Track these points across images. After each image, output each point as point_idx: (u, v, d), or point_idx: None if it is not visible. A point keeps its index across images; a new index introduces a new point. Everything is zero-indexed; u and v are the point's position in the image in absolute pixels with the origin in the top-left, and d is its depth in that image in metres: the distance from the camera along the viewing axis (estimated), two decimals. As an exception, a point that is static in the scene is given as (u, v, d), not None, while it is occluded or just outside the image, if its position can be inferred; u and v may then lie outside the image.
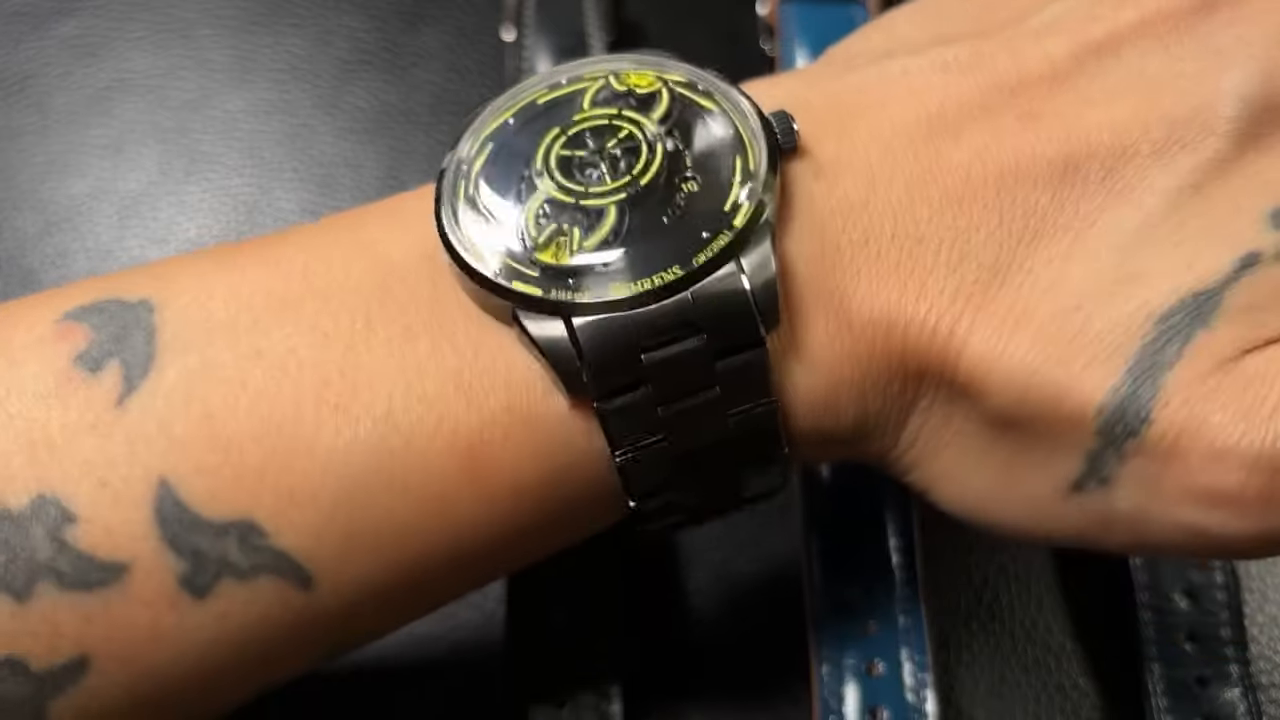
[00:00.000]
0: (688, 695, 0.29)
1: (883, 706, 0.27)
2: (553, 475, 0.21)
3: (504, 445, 0.20)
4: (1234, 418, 0.19)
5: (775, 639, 0.30)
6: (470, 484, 0.20)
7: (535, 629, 0.28)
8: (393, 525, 0.20)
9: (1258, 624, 0.30)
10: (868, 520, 0.29)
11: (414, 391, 0.20)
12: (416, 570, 0.21)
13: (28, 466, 0.19)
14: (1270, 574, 0.31)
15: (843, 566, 0.29)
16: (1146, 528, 0.20)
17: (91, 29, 0.39)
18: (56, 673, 0.19)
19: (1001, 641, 0.30)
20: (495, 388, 0.20)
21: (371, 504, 0.20)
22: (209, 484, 0.19)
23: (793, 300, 0.21)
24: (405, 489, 0.20)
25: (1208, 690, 0.28)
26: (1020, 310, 0.20)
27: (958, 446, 0.22)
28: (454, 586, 0.23)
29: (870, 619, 0.28)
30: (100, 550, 0.19)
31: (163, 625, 0.19)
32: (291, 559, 0.19)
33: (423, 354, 0.20)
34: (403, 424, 0.20)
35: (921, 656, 0.27)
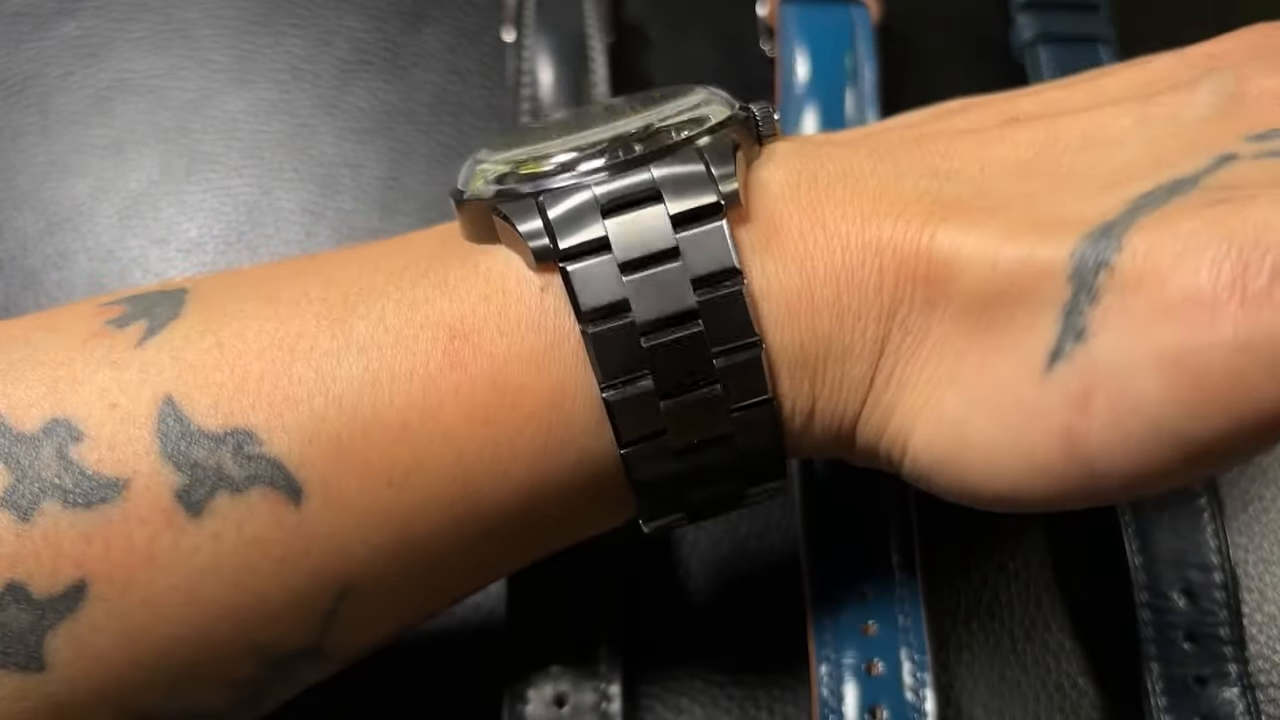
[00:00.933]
0: (688, 694, 0.29)
1: (882, 706, 0.27)
2: (529, 355, 0.21)
3: (481, 330, 0.21)
4: (1204, 223, 0.19)
5: (775, 638, 0.30)
6: (451, 368, 0.21)
7: (535, 629, 0.28)
8: (381, 427, 0.21)
9: (1256, 623, 0.30)
10: (867, 520, 0.29)
11: (405, 300, 0.21)
12: (407, 490, 0.21)
13: (47, 397, 0.20)
14: (1269, 573, 0.31)
15: (842, 566, 0.29)
16: (1127, 385, 0.19)
17: (93, 30, 0.39)
18: (56, 600, 0.20)
19: (1001, 641, 0.30)
20: (474, 283, 0.22)
21: (360, 404, 0.21)
22: (210, 398, 0.20)
23: (766, 206, 0.22)
24: (392, 378, 0.21)
25: (1206, 689, 0.28)
26: (996, 207, 0.21)
27: (934, 362, 0.22)
28: (449, 531, 0.22)
29: (870, 618, 0.28)
30: (103, 466, 0.20)
31: (158, 545, 0.20)
32: (284, 468, 0.20)
33: (416, 276, 0.22)
34: (392, 324, 0.21)
35: (921, 656, 0.27)
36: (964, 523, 0.32)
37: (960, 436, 0.21)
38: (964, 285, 0.21)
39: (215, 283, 0.23)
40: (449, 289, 0.22)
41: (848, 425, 0.23)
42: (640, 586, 0.30)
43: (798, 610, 0.30)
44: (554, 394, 0.21)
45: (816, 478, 0.30)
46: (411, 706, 0.29)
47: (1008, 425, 0.21)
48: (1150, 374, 0.19)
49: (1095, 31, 0.36)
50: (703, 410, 0.21)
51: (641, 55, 0.38)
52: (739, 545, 0.31)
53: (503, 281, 0.22)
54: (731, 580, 0.31)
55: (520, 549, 0.24)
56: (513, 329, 0.21)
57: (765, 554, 0.31)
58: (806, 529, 0.29)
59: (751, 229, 0.22)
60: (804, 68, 0.35)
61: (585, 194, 0.21)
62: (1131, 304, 0.19)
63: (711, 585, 0.31)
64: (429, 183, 0.36)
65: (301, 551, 0.21)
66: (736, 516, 0.31)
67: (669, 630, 0.30)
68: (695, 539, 0.31)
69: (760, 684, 0.29)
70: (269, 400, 0.20)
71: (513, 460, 0.21)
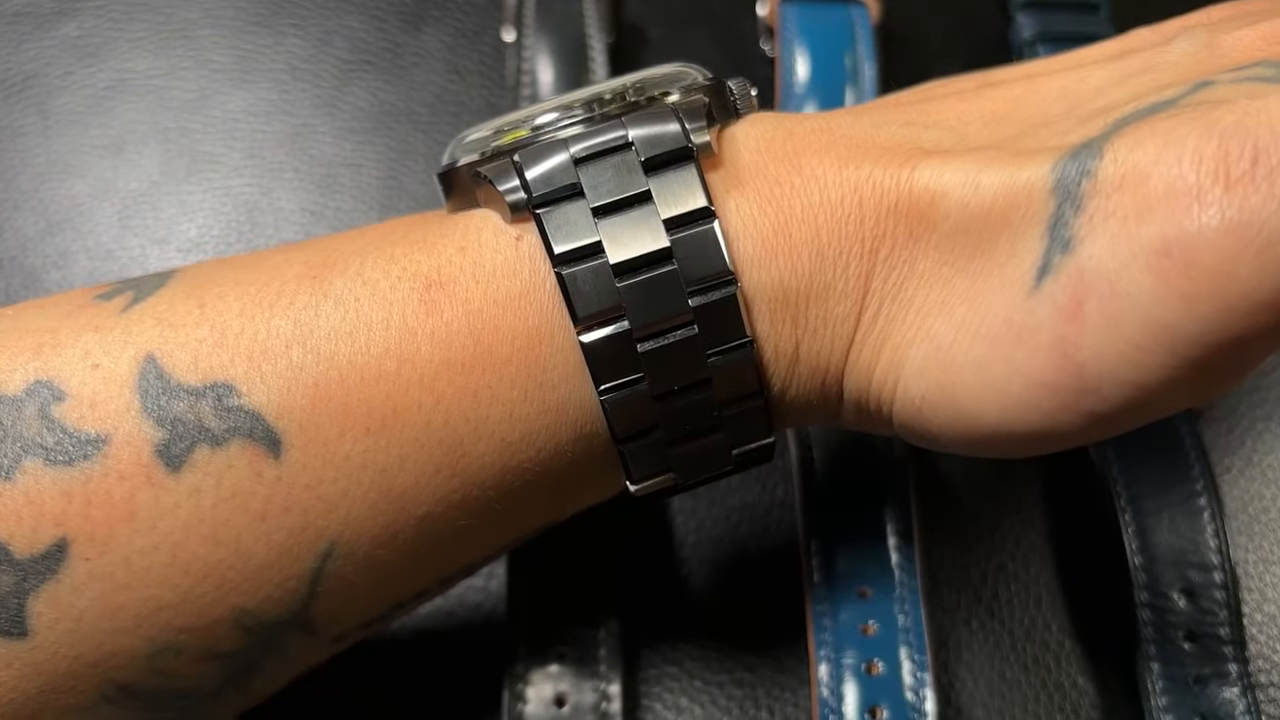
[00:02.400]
0: (687, 694, 0.29)
1: (882, 705, 0.27)
2: (504, 301, 0.21)
3: (457, 279, 0.21)
4: (1184, 120, 0.19)
5: (775, 638, 0.30)
6: (427, 315, 0.21)
7: (535, 629, 0.28)
8: (358, 374, 0.21)
9: (1256, 623, 0.30)
10: (867, 520, 0.29)
11: (382, 254, 0.22)
12: (385, 438, 0.21)
13: (30, 361, 0.21)
14: (1269, 573, 0.31)
15: (842, 566, 0.29)
16: (1117, 285, 0.19)
17: (93, 30, 0.39)
18: (38, 560, 0.20)
19: (1001, 640, 0.30)
20: (451, 238, 0.22)
21: (337, 353, 0.21)
22: (190, 354, 0.21)
23: (740, 155, 0.22)
24: (369, 327, 0.21)
25: (1206, 689, 0.28)
26: (975, 147, 0.22)
27: (922, 295, 0.22)
28: (431, 484, 0.22)
29: (870, 618, 0.28)
30: (84, 424, 0.20)
31: (139, 501, 0.20)
32: (262, 419, 0.20)
33: (396, 237, 0.22)
34: (369, 276, 0.21)
35: (921, 656, 0.28)
36: (964, 523, 0.32)
37: (950, 362, 0.21)
38: (946, 213, 0.21)
39: (204, 263, 0.23)
40: (427, 245, 0.22)
41: (834, 369, 0.23)
42: (640, 586, 0.31)
43: (798, 610, 0.30)
44: (530, 339, 0.21)
45: (816, 477, 0.30)
46: (412, 706, 0.29)
47: (998, 344, 0.20)
48: (1139, 269, 0.19)
49: (1095, 31, 0.36)
50: (680, 353, 0.21)
51: (641, 55, 0.38)
52: (739, 545, 0.31)
53: (479, 234, 0.22)
54: (732, 580, 0.31)
55: (507, 516, 0.23)
56: (488, 276, 0.21)
57: (765, 554, 0.31)
58: (806, 529, 0.29)
59: (724, 173, 0.22)
60: (804, 67, 0.35)
61: (562, 152, 0.21)
62: (1116, 205, 0.19)
63: (712, 585, 0.31)
64: (429, 182, 0.36)
65: (282, 505, 0.21)
66: (736, 517, 0.31)
67: (669, 630, 0.30)
68: (696, 540, 0.31)
69: (760, 684, 0.29)
70: (247, 353, 0.21)
71: (491, 406, 0.21)
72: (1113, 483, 0.30)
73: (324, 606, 0.22)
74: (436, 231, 0.22)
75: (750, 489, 0.32)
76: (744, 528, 0.31)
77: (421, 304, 0.21)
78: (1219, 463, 0.33)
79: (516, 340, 0.21)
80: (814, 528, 0.29)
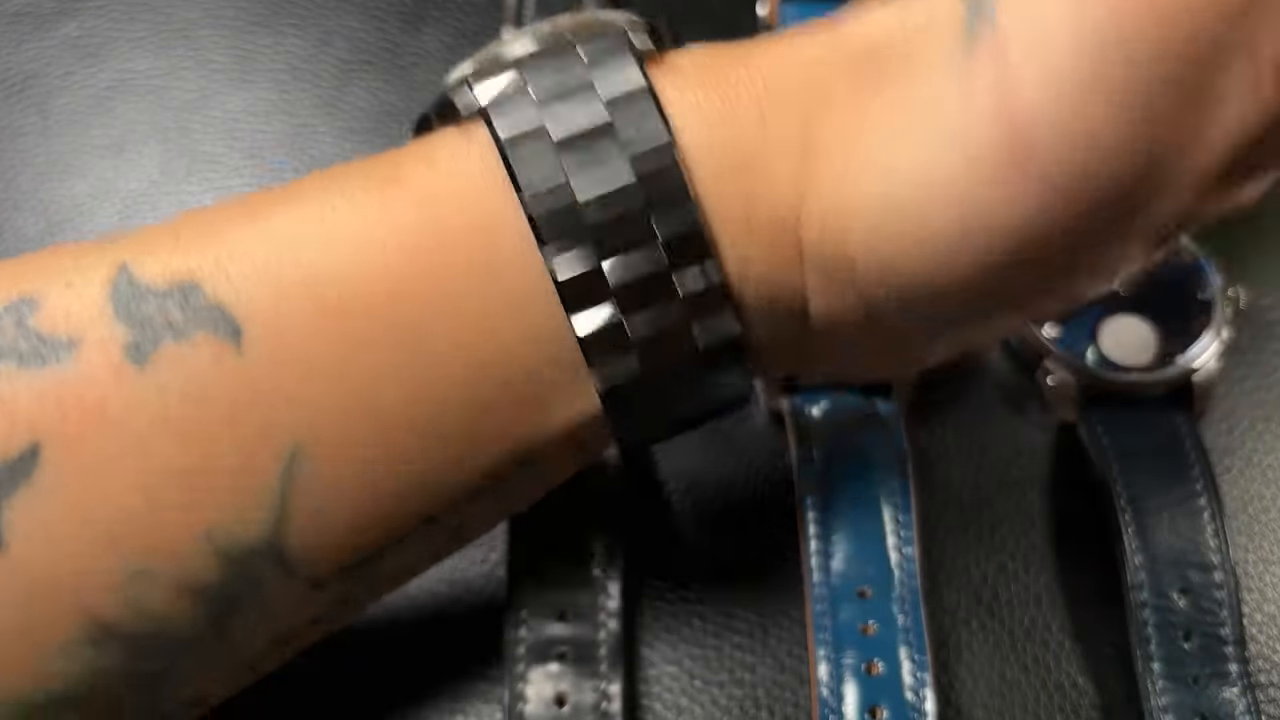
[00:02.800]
0: (688, 694, 0.29)
1: (882, 706, 0.27)
2: (456, 187, 0.22)
3: (412, 175, 0.22)
4: None
5: (775, 638, 0.30)
6: (384, 208, 0.22)
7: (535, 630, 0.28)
8: (319, 266, 0.21)
9: (1256, 623, 0.30)
10: (867, 520, 0.29)
11: (349, 168, 0.23)
12: (347, 322, 0.21)
13: (12, 286, 0.21)
14: (1269, 573, 0.31)
15: (842, 566, 0.29)
16: (1040, 23, 0.20)
17: (93, 30, 0.39)
18: (12, 466, 0.20)
19: (1001, 640, 0.30)
20: (412, 149, 0.23)
21: (300, 246, 0.22)
22: (161, 260, 0.21)
23: (683, 60, 0.23)
24: (333, 222, 0.22)
25: (1207, 689, 0.28)
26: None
27: (867, 127, 0.22)
28: (394, 381, 0.22)
29: (869, 618, 0.28)
30: (57, 329, 0.21)
31: (109, 401, 0.20)
32: (225, 311, 0.21)
33: (368, 161, 0.23)
34: (333, 183, 0.22)
35: (921, 656, 0.28)
36: (964, 523, 0.32)
37: (903, 177, 0.21)
38: (877, 38, 0.22)
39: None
40: (389, 157, 0.23)
41: (789, 225, 0.22)
42: (640, 585, 0.31)
43: (798, 610, 0.30)
44: (483, 221, 0.22)
45: (816, 476, 0.30)
46: (412, 706, 0.29)
47: (939, 134, 0.21)
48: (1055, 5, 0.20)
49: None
50: (626, 216, 0.22)
51: (642, 55, 0.38)
52: (739, 544, 0.31)
53: (438, 141, 0.23)
54: (732, 580, 0.31)
55: (476, 434, 0.23)
56: (442, 169, 0.22)
57: (765, 553, 0.31)
58: (805, 528, 0.29)
59: (664, 67, 0.23)
60: (804, 67, 0.35)
61: (510, 67, 0.23)
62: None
63: (712, 584, 0.31)
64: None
65: (246, 402, 0.21)
66: (736, 516, 0.32)
67: (669, 629, 0.30)
68: (697, 536, 0.31)
69: (760, 684, 0.29)
70: (215, 255, 0.21)
71: (449, 297, 0.22)
72: (1112, 482, 0.30)
73: (297, 531, 0.22)
74: (404, 155, 0.23)
75: (750, 488, 0.32)
76: (743, 527, 0.31)
77: (379, 200, 0.22)
78: (1219, 463, 0.33)
79: (469, 221, 0.22)
80: (814, 526, 0.29)
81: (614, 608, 0.29)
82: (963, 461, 0.32)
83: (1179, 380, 0.32)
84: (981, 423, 0.33)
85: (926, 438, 0.33)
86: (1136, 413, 0.32)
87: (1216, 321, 0.33)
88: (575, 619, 0.28)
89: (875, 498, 0.30)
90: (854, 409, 0.31)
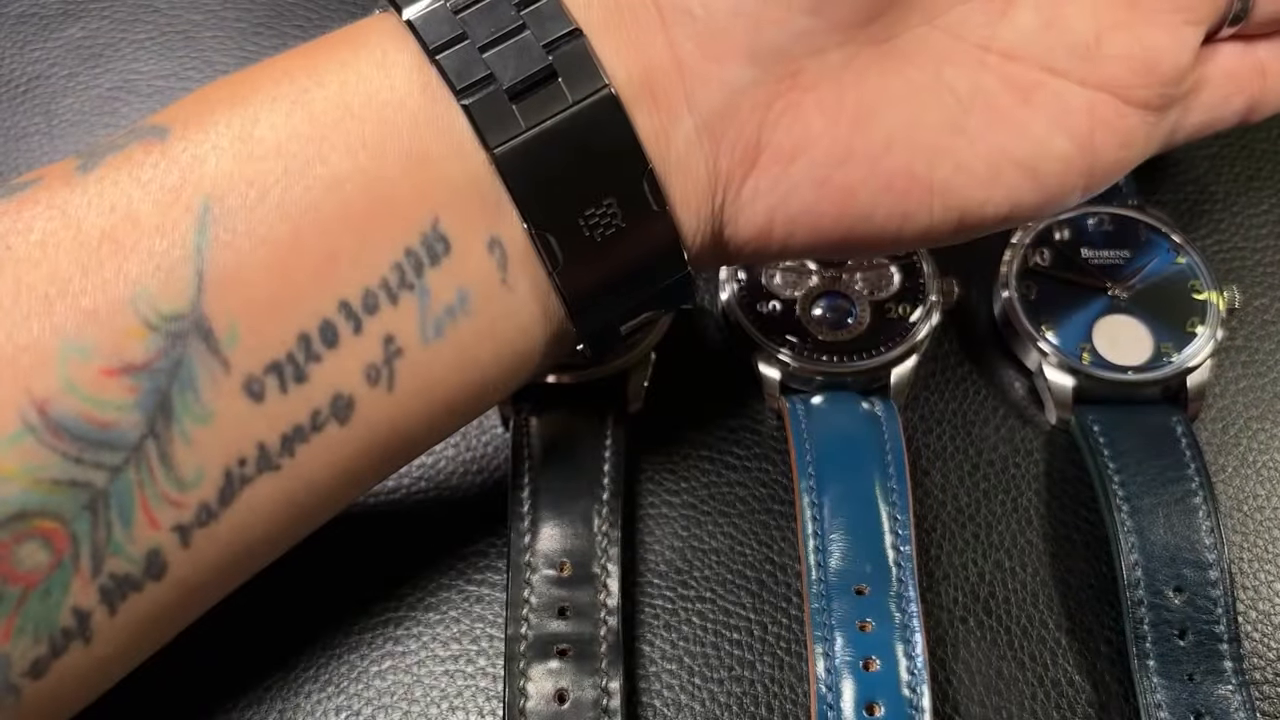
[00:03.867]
0: (687, 690, 0.29)
1: (879, 702, 0.27)
2: (355, 28, 0.24)
3: (332, 45, 0.25)
4: None
5: (774, 635, 0.30)
6: (298, 53, 0.25)
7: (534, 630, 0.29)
8: (235, 83, 0.24)
9: (1251, 620, 0.31)
10: (864, 517, 0.29)
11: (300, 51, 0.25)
12: (251, 108, 0.24)
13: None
14: (1263, 571, 0.31)
15: (840, 563, 0.29)
16: None
17: (98, 32, 0.39)
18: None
19: (997, 637, 0.30)
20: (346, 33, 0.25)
21: (226, 80, 0.24)
22: (129, 133, 0.24)
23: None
24: (261, 73, 0.24)
25: (1201, 686, 0.28)
26: None
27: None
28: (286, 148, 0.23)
29: (867, 615, 0.28)
30: (31, 178, 0.24)
31: (56, 197, 0.23)
32: (159, 126, 0.24)
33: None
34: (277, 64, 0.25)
35: (917, 652, 0.28)
36: (961, 520, 0.32)
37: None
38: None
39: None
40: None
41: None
42: (640, 584, 0.31)
43: (796, 607, 0.30)
44: (363, 37, 0.24)
45: (813, 475, 0.30)
46: (414, 703, 0.29)
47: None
48: None
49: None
50: (517, 48, 0.23)
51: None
52: (738, 543, 0.31)
53: (367, 28, 0.25)
54: (730, 577, 0.31)
55: (377, 210, 0.24)
56: (357, 31, 0.25)
57: (764, 551, 0.31)
58: (803, 526, 0.30)
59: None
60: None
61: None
62: None
63: (711, 581, 0.31)
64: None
65: (163, 170, 0.23)
66: (737, 516, 0.32)
67: (669, 626, 0.30)
68: (696, 533, 0.31)
69: (759, 680, 0.30)
70: (172, 110, 0.24)
71: (339, 87, 0.24)
72: (1108, 481, 0.30)
73: (218, 300, 0.23)
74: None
75: (748, 486, 0.32)
76: (744, 525, 0.32)
77: (303, 70, 0.24)
78: (1214, 462, 0.33)
79: (351, 41, 0.24)
80: (811, 524, 0.29)
81: (614, 605, 0.29)
82: (959, 460, 0.33)
83: (1174, 380, 0.32)
84: (978, 421, 0.33)
85: (923, 436, 0.33)
86: (1132, 412, 0.32)
87: (1211, 322, 0.33)
88: (576, 616, 0.29)
89: (872, 496, 0.30)
90: (851, 408, 0.32)
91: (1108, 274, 0.34)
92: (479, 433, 0.33)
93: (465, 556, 0.31)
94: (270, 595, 0.28)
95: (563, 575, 0.29)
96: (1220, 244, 0.36)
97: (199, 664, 0.29)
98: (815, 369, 0.32)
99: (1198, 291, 0.33)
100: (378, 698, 0.29)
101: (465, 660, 0.30)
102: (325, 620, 0.30)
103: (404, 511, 0.32)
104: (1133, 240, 0.34)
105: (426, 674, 0.30)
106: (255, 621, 0.29)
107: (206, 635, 0.26)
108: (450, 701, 0.29)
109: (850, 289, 0.33)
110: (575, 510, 0.30)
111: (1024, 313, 0.33)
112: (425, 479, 0.32)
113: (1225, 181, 0.38)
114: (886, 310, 0.33)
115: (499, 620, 0.30)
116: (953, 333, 0.35)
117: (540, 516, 0.30)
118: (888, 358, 0.32)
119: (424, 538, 0.31)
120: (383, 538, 0.31)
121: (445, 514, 0.32)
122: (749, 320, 0.33)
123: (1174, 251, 0.34)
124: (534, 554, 0.29)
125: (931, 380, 0.34)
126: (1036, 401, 0.34)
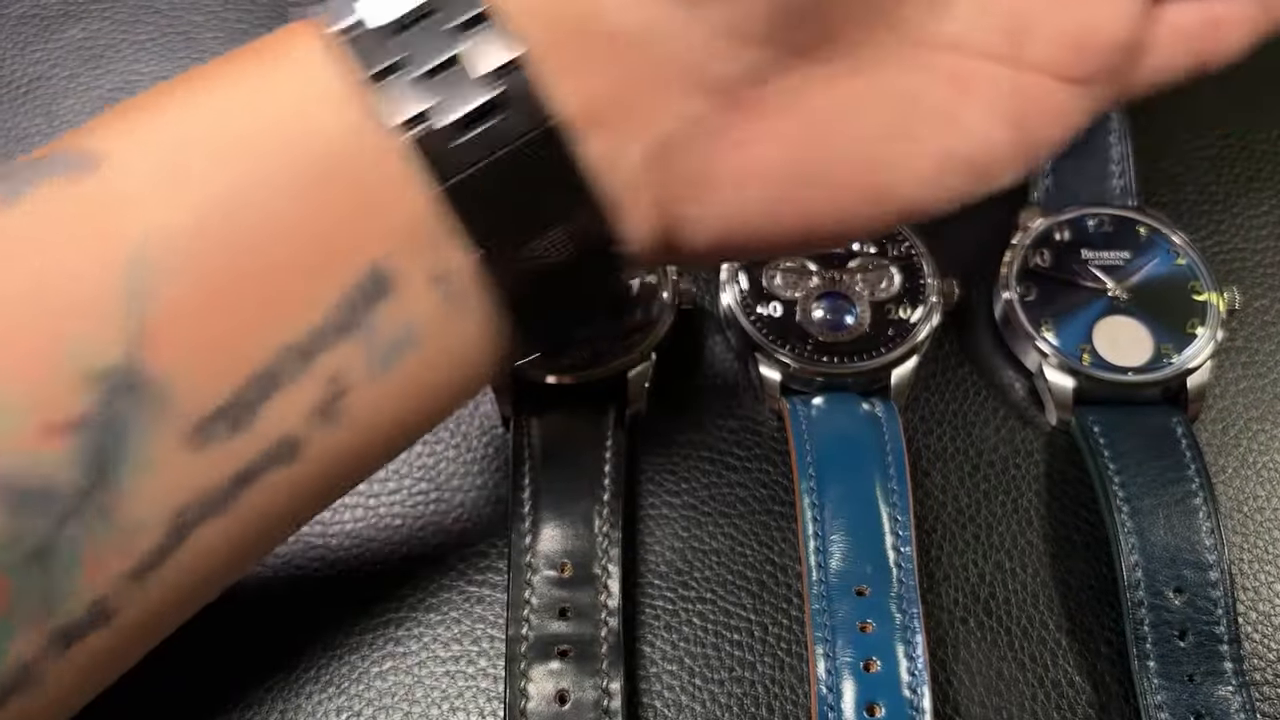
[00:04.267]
0: (688, 691, 0.30)
1: (880, 703, 0.27)
2: (279, 34, 0.23)
3: (265, 67, 0.23)
4: None
5: (774, 636, 0.30)
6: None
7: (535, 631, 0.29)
8: (164, 92, 0.23)
9: (1251, 621, 0.31)
10: (865, 518, 0.30)
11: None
12: (176, 129, 0.23)
13: None
14: (1263, 572, 0.31)
15: (840, 564, 0.29)
16: None
17: (98, 33, 0.39)
18: None
19: (998, 638, 0.30)
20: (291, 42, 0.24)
21: (159, 89, 0.23)
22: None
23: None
24: (203, 79, 0.23)
25: (1202, 687, 0.28)
26: None
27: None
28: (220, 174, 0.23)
29: (868, 616, 0.28)
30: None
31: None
32: (87, 154, 0.23)
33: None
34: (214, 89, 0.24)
35: (918, 653, 0.28)
36: (962, 521, 0.32)
37: None
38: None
39: None
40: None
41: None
42: (640, 585, 0.31)
43: (797, 608, 0.30)
44: (291, 39, 0.23)
45: (814, 476, 0.30)
46: (414, 704, 0.29)
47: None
48: None
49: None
50: (446, 53, 0.22)
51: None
52: (739, 544, 0.31)
53: (305, 29, 0.24)
54: (731, 578, 0.31)
55: (316, 246, 0.23)
56: (288, 34, 0.24)
57: (764, 552, 0.31)
58: (804, 527, 0.30)
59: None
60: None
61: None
62: None
63: (711, 582, 0.31)
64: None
65: (92, 214, 0.22)
66: (737, 517, 0.32)
67: (669, 627, 0.30)
68: (697, 534, 0.31)
69: (760, 681, 0.30)
70: (99, 134, 0.23)
71: (276, 120, 0.23)
72: (1109, 482, 0.30)
73: (155, 349, 0.22)
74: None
75: (748, 487, 0.32)
76: (744, 526, 0.32)
77: (254, 64, 0.23)
78: (1214, 463, 0.33)
79: (276, 42, 0.23)
80: (811, 525, 0.29)
81: (614, 605, 0.29)
82: (959, 461, 0.33)
83: (1174, 381, 0.32)
84: (978, 422, 0.33)
85: (923, 437, 0.33)
86: (1132, 413, 0.32)
87: (1211, 323, 0.33)
88: (576, 617, 0.29)
89: (873, 497, 0.30)
90: (852, 409, 0.32)
91: (1108, 275, 0.34)
92: (479, 433, 0.33)
93: (466, 557, 0.31)
94: (271, 596, 0.28)
95: (563, 576, 0.29)
96: (1220, 245, 0.36)
97: (200, 664, 0.29)
98: (816, 370, 0.32)
99: (1198, 292, 0.33)
100: (378, 698, 0.29)
101: (466, 661, 0.30)
102: (326, 621, 0.30)
103: (404, 512, 0.32)
104: (1133, 241, 0.34)
105: (427, 674, 0.30)
106: (256, 622, 0.29)
107: (207, 635, 0.26)
108: (451, 702, 0.29)
109: (850, 290, 0.33)
110: (576, 511, 0.30)
111: (1024, 314, 0.33)
112: (425, 479, 0.32)
113: (1225, 182, 0.38)
114: (887, 311, 0.33)
115: (500, 621, 0.30)
116: (953, 334, 0.35)
117: (541, 517, 0.30)
118: (888, 359, 0.32)
119: (424, 538, 0.31)
120: (383, 538, 0.31)
121: (446, 514, 0.32)
122: (749, 321, 0.33)
123: (1174, 252, 0.34)
124: (535, 555, 0.29)
125: (932, 381, 0.34)
126: (1037, 402, 0.34)
